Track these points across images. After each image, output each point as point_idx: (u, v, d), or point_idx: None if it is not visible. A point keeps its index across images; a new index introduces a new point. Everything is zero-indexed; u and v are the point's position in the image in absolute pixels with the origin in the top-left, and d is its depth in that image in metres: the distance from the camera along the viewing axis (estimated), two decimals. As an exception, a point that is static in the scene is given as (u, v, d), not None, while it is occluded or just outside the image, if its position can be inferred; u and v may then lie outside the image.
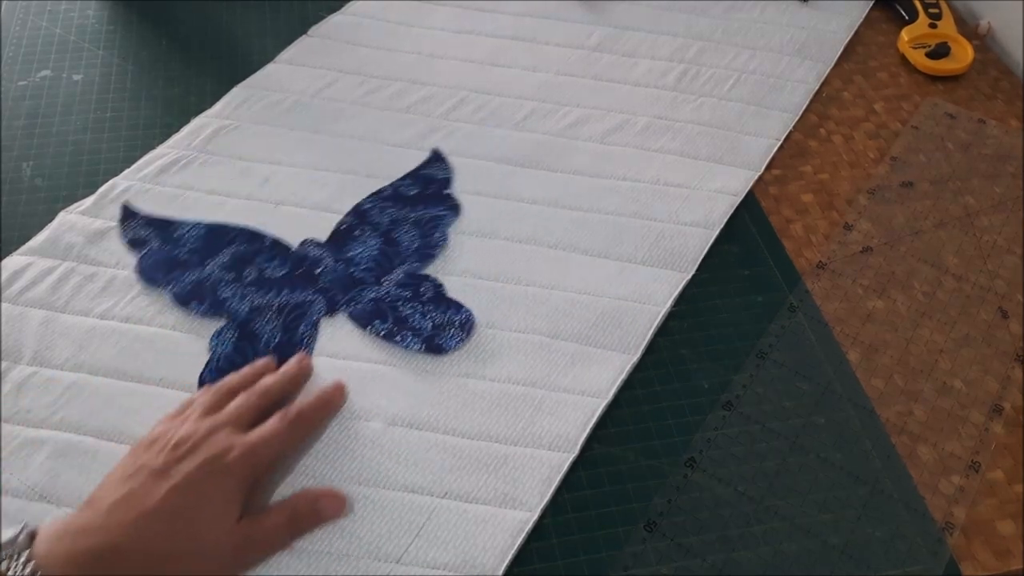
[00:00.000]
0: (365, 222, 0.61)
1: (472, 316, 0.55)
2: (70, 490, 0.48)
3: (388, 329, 0.54)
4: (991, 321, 0.58)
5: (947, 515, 0.49)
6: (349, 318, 0.55)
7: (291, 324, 0.55)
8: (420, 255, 0.59)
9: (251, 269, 0.58)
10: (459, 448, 0.50)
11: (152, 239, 0.59)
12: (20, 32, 0.77)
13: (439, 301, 0.56)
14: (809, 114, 0.73)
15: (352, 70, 0.74)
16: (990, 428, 0.53)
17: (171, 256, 0.58)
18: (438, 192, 0.63)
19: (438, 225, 0.60)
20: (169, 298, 0.56)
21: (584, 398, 0.53)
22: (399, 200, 0.62)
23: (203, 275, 0.57)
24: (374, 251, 0.59)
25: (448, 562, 0.46)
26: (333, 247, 0.59)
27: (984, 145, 0.70)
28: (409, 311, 0.55)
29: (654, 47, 0.77)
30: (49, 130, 0.68)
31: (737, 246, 0.62)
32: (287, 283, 0.57)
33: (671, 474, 0.50)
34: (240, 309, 0.55)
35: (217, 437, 0.45)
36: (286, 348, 0.54)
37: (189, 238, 0.59)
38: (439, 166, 0.65)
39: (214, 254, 0.58)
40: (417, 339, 0.54)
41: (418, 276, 0.57)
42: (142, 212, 0.61)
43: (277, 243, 0.59)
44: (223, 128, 0.68)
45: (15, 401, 0.51)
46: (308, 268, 0.58)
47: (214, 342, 0.54)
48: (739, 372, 0.55)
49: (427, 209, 0.61)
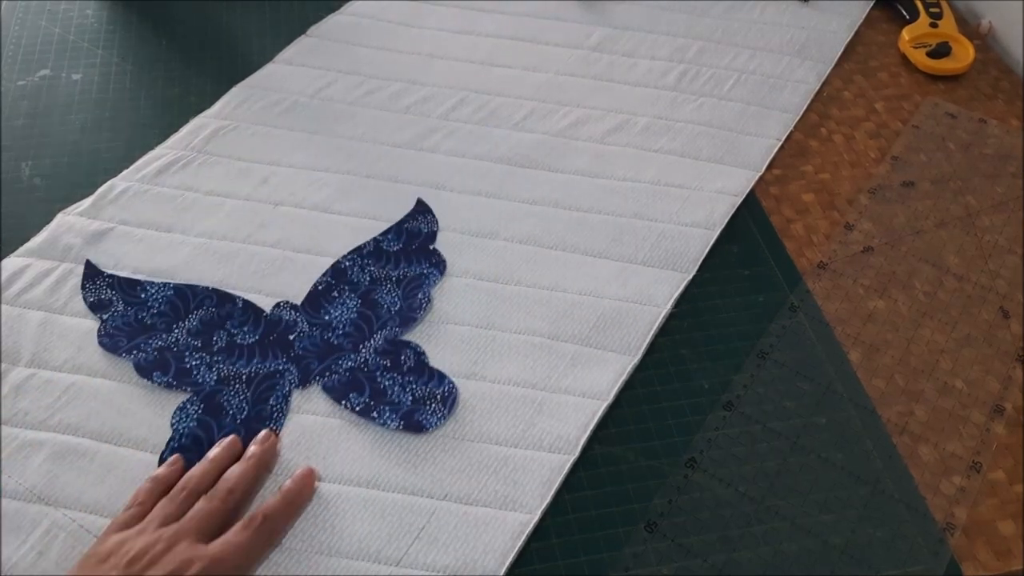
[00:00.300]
0: (344, 281, 0.57)
1: (455, 388, 0.52)
2: (69, 492, 0.47)
3: (364, 403, 0.51)
4: (992, 321, 0.58)
5: (948, 515, 0.49)
6: (323, 391, 0.52)
7: (260, 397, 0.51)
8: (402, 318, 0.55)
9: (220, 334, 0.54)
10: (459, 450, 0.50)
11: (116, 302, 0.56)
12: (20, 32, 0.77)
13: (420, 371, 0.53)
14: (810, 114, 0.73)
15: (351, 70, 0.74)
16: (991, 428, 0.53)
17: (136, 320, 0.55)
18: (423, 247, 0.59)
19: (421, 285, 0.57)
20: (132, 367, 0.52)
21: (585, 400, 0.53)
22: (381, 257, 0.58)
23: (169, 341, 0.54)
24: (352, 314, 0.55)
25: (448, 564, 0.46)
26: (309, 309, 0.56)
27: (985, 145, 0.70)
28: (388, 382, 0.52)
29: (654, 47, 0.77)
30: (48, 130, 0.68)
31: (738, 246, 0.62)
32: (258, 350, 0.53)
33: (672, 474, 0.50)
34: (207, 380, 0.52)
35: (177, 550, 0.42)
36: (254, 423, 0.50)
37: (156, 300, 0.56)
38: (424, 219, 0.61)
39: (182, 318, 0.55)
40: (395, 415, 0.50)
41: (399, 343, 0.54)
42: (106, 272, 0.57)
43: (249, 305, 0.56)
44: (222, 128, 0.68)
45: (13, 403, 0.51)
46: (281, 333, 0.54)
47: (176, 418, 0.50)
48: (740, 372, 0.55)
49: (410, 267, 0.58)
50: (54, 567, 0.45)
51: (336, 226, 0.61)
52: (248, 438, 0.50)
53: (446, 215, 0.62)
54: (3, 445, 0.49)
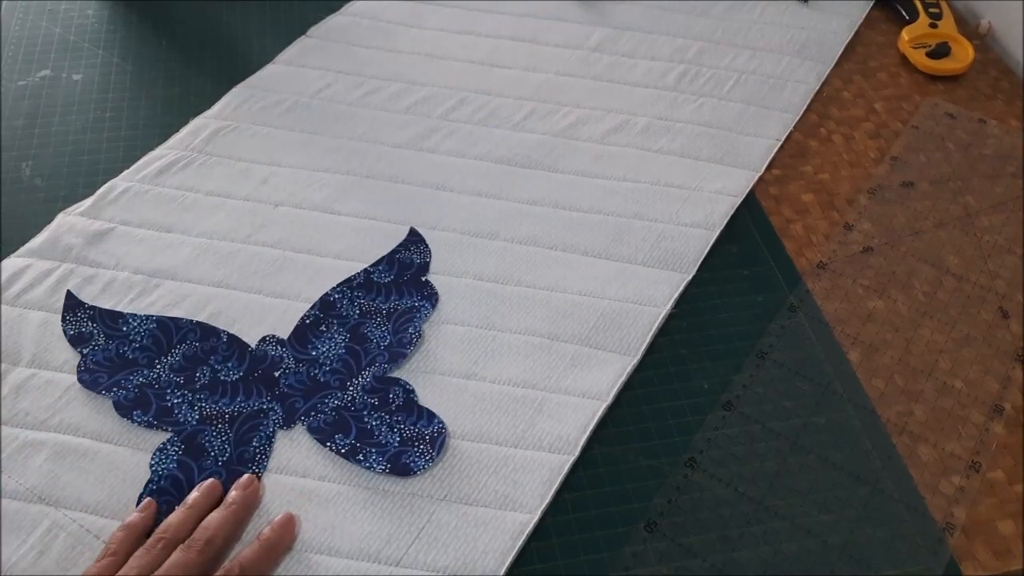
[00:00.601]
0: (332, 315, 0.55)
1: (444, 429, 0.50)
2: (69, 492, 0.48)
3: (350, 445, 0.49)
4: (991, 321, 0.58)
5: (947, 515, 0.49)
6: (308, 431, 0.50)
7: (243, 438, 0.50)
8: (391, 354, 0.53)
9: (204, 370, 0.52)
10: (459, 450, 0.50)
11: (98, 335, 0.54)
12: (20, 32, 0.77)
13: (410, 409, 0.51)
14: (809, 114, 0.73)
15: (351, 71, 0.74)
16: (990, 428, 0.53)
17: (118, 354, 0.53)
18: (415, 279, 0.57)
19: (412, 319, 0.55)
20: (111, 405, 0.51)
21: (584, 400, 0.53)
22: (371, 289, 0.57)
23: (151, 378, 0.52)
24: (340, 349, 0.53)
25: (448, 564, 0.46)
26: (295, 345, 0.54)
27: (984, 145, 0.70)
28: (376, 422, 0.50)
29: (654, 48, 0.77)
30: (48, 130, 0.68)
31: (737, 246, 0.62)
32: (242, 388, 0.52)
33: (671, 474, 0.50)
34: (188, 419, 0.50)
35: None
36: (236, 466, 0.49)
37: (138, 334, 0.54)
38: (417, 249, 0.59)
39: (164, 352, 0.53)
40: (381, 457, 0.49)
41: (387, 380, 0.52)
42: (87, 304, 0.56)
43: (234, 340, 0.54)
44: (222, 129, 0.68)
45: (14, 403, 0.51)
46: (267, 370, 0.52)
47: (155, 459, 0.49)
48: (739, 372, 0.55)
49: (401, 299, 0.56)
50: (54, 567, 0.45)
51: (336, 226, 0.61)
52: (230, 481, 0.48)
53: (446, 215, 0.62)
54: (4, 445, 0.49)
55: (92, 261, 0.58)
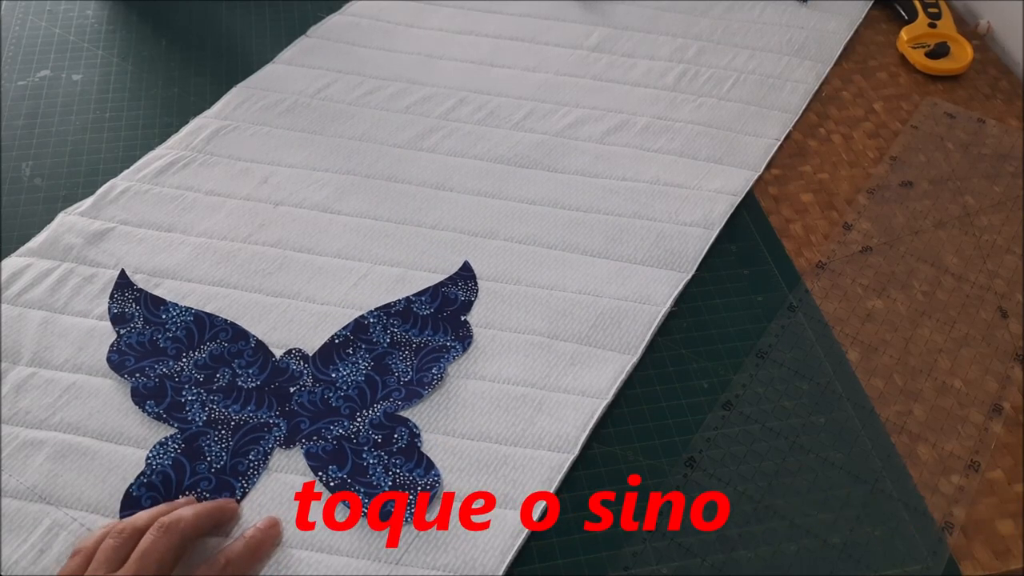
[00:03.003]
0: (363, 338, 0.55)
1: (439, 482, 0.48)
2: (69, 491, 0.48)
3: (340, 480, 0.48)
4: (990, 321, 0.58)
5: (947, 514, 0.49)
6: (304, 456, 0.50)
7: (241, 449, 0.50)
8: (408, 391, 0.52)
9: (225, 372, 0.53)
10: (459, 449, 0.50)
11: (137, 318, 0.55)
12: (20, 32, 0.77)
13: (410, 454, 0.50)
14: (808, 114, 0.73)
15: (351, 70, 0.74)
16: (990, 428, 0.53)
17: (150, 341, 0.54)
18: (454, 316, 0.56)
19: (439, 359, 0.53)
20: (130, 390, 0.52)
21: (584, 398, 0.53)
22: (408, 318, 0.56)
23: (174, 370, 0.53)
24: (360, 376, 0.53)
25: (448, 563, 0.46)
26: (319, 363, 0.54)
27: (983, 145, 0.70)
28: (373, 460, 0.49)
29: (653, 47, 0.77)
30: (48, 130, 0.68)
31: (737, 246, 0.62)
32: (255, 397, 0.52)
33: (671, 474, 0.50)
34: (196, 418, 0.51)
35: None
36: (227, 476, 0.49)
37: (174, 324, 0.55)
38: (465, 285, 0.58)
39: (194, 347, 0.54)
40: (367, 500, 0.48)
41: (396, 418, 0.51)
42: (136, 286, 0.57)
43: (261, 347, 0.54)
44: (222, 128, 0.68)
45: (14, 402, 0.51)
46: (283, 384, 0.52)
47: (153, 453, 0.49)
48: (739, 372, 0.55)
49: (435, 336, 0.55)
50: (55, 566, 0.45)
51: (336, 226, 0.61)
52: (216, 489, 0.48)
53: (446, 215, 0.62)
54: (4, 444, 0.49)
55: (92, 260, 0.58)
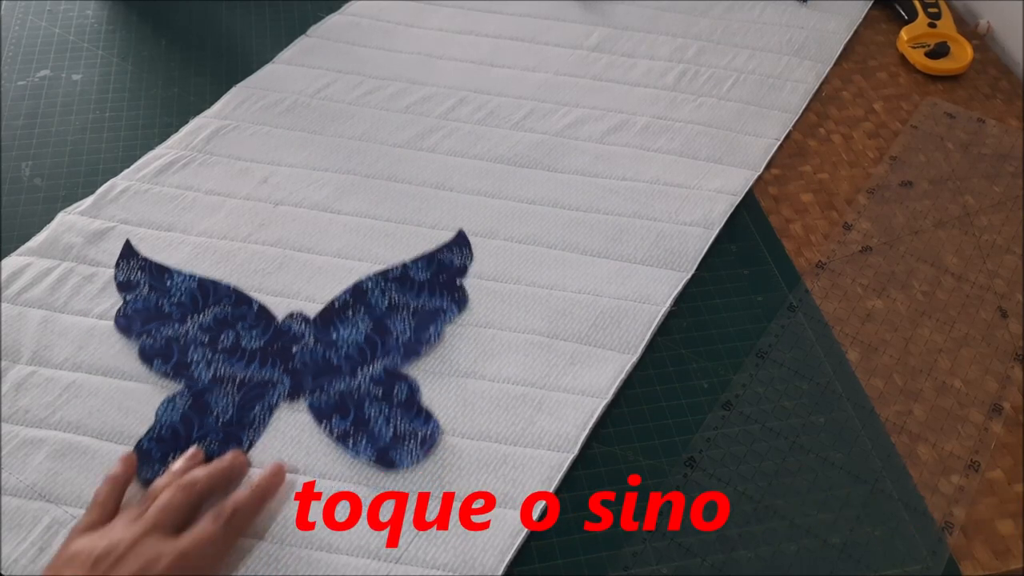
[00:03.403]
0: (361, 302, 0.56)
1: (437, 431, 0.50)
2: (69, 489, 0.48)
3: (344, 429, 0.50)
4: (990, 320, 0.58)
5: (946, 514, 0.49)
6: (308, 408, 0.52)
7: (247, 403, 0.51)
8: (406, 350, 0.54)
9: (229, 334, 0.54)
10: (458, 448, 0.50)
11: (142, 285, 0.57)
12: (20, 32, 0.77)
13: (410, 406, 0.52)
14: (808, 114, 0.73)
15: (351, 70, 0.74)
16: (989, 428, 0.53)
17: (156, 306, 0.56)
18: (449, 281, 0.58)
19: (435, 319, 0.55)
20: (136, 350, 0.53)
21: (584, 398, 0.53)
22: (405, 283, 0.58)
23: (179, 332, 0.54)
24: (359, 336, 0.55)
25: (448, 562, 0.46)
26: (320, 325, 0.55)
27: (983, 145, 0.70)
28: (374, 412, 0.51)
29: (653, 47, 0.77)
30: (48, 130, 0.68)
31: (737, 245, 0.62)
32: (259, 356, 0.54)
33: (671, 474, 0.50)
34: (202, 377, 0.52)
35: (143, 546, 0.41)
36: (234, 428, 0.50)
37: (178, 290, 0.57)
38: (460, 251, 0.60)
39: (198, 311, 0.56)
40: (371, 447, 0.50)
41: (396, 374, 0.53)
42: (141, 255, 0.58)
43: (263, 311, 0.56)
44: (222, 128, 0.68)
45: (14, 401, 0.51)
46: (286, 344, 0.54)
47: (162, 408, 0.51)
48: (739, 372, 0.55)
49: (431, 299, 0.57)
50: (54, 565, 0.45)
51: (336, 225, 0.61)
52: (224, 441, 0.50)
53: (445, 214, 0.62)
54: (4, 443, 0.49)
55: (92, 260, 0.58)
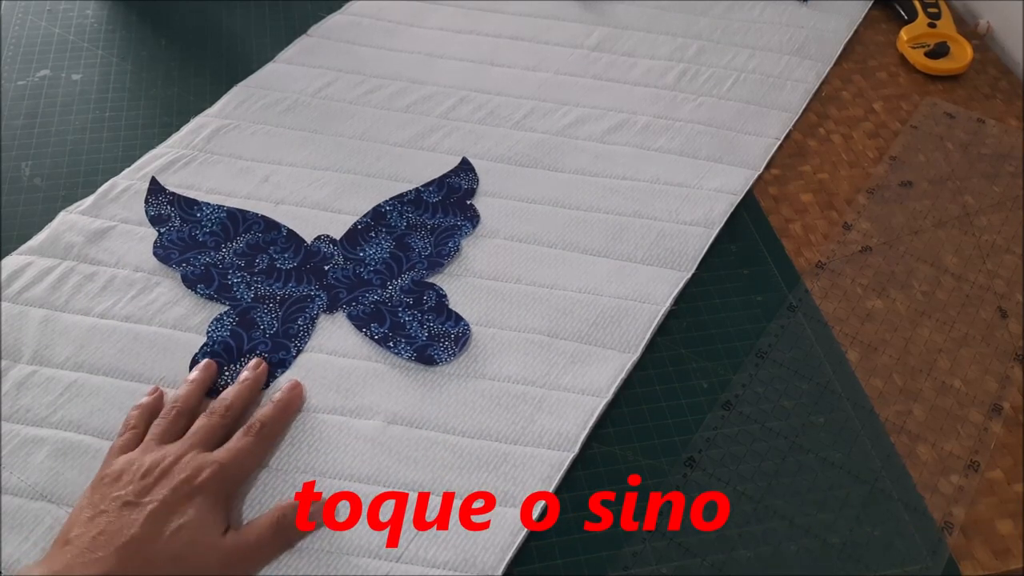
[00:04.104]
0: (382, 223, 0.61)
1: (468, 330, 0.55)
2: (70, 489, 0.48)
3: (383, 333, 0.54)
4: (990, 320, 0.58)
5: (946, 514, 0.49)
6: (347, 318, 0.56)
7: (290, 316, 0.55)
8: (430, 263, 0.58)
9: (263, 257, 0.58)
10: (459, 446, 0.50)
11: (174, 218, 0.60)
12: (20, 32, 0.77)
13: (439, 311, 0.56)
14: (808, 114, 0.73)
15: (351, 70, 0.74)
16: (989, 427, 0.53)
17: (190, 236, 0.59)
18: (460, 202, 0.62)
19: (453, 235, 0.60)
20: (180, 277, 0.57)
21: (584, 397, 0.53)
22: (420, 205, 0.62)
23: (216, 259, 0.58)
24: (385, 254, 0.59)
25: (448, 561, 0.46)
26: (346, 245, 0.59)
27: (983, 145, 0.70)
28: (408, 318, 0.55)
29: (653, 47, 0.77)
30: (48, 130, 0.68)
31: (737, 245, 0.62)
32: (294, 275, 0.58)
33: (670, 473, 0.50)
34: (244, 297, 0.56)
35: (186, 460, 0.45)
36: (280, 339, 0.54)
37: (209, 220, 0.60)
38: (466, 176, 0.64)
39: (231, 239, 0.59)
40: (409, 347, 0.54)
41: (423, 284, 0.57)
42: (168, 189, 0.62)
43: (292, 235, 0.60)
44: (222, 127, 0.68)
45: (15, 400, 0.51)
46: (318, 264, 0.58)
47: (212, 327, 0.55)
48: (738, 371, 0.55)
49: (446, 217, 0.61)
50: (55, 564, 0.45)
51: (337, 224, 0.61)
52: (273, 350, 0.54)
53: (446, 214, 0.63)
54: (5, 442, 0.49)
55: (93, 259, 0.58)
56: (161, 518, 0.43)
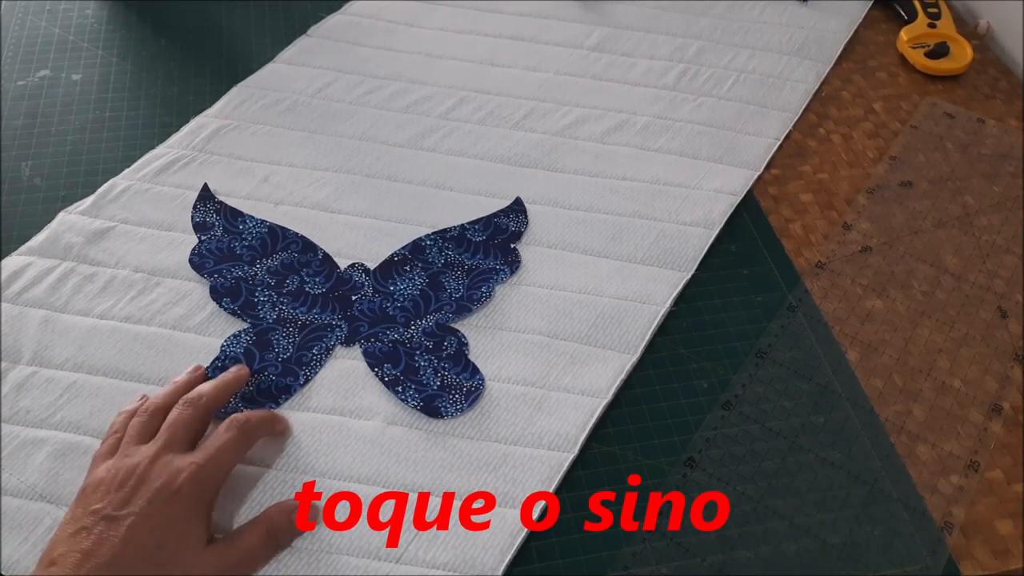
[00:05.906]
0: (419, 258, 0.59)
1: (482, 385, 0.53)
2: (70, 490, 0.48)
3: (394, 376, 0.53)
4: (990, 320, 0.58)
5: (946, 514, 0.49)
6: (363, 354, 0.54)
7: (306, 344, 0.54)
8: (458, 306, 0.57)
9: (293, 279, 0.58)
10: (458, 447, 0.50)
11: (217, 227, 0.60)
12: (19, 32, 0.77)
13: (457, 360, 0.54)
14: (808, 114, 0.73)
15: (351, 70, 0.74)
16: (989, 428, 0.53)
17: (228, 247, 0.59)
18: (504, 244, 0.60)
19: (488, 280, 0.58)
20: (209, 288, 0.57)
21: (584, 398, 0.53)
22: (462, 243, 0.60)
23: (248, 273, 0.58)
24: (415, 290, 0.57)
25: (448, 561, 0.46)
26: (379, 276, 0.58)
27: (983, 145, 0.70)
28: (424, 363, 0.54)
29: (653, 47, 0.77)
30: (48, 130, 0.68)
31: (736, 245, 0.62)
32: (320, 301, 0.57)
33: (670, 474, 0.50)
34: (267, 316, 0.56)
35: (162, 463, 0.43)
36: (292, 365, 0.53)
37: (249, 234, 0.60)
38: (516, 218, 0.62)
39: (267, 255, 0.59)
40: (417, 395, 0.52)
41: (446, 328, 0.56)
42: (217, 198, 0.62)
43: (327, 259, 0.59)
44: (222, 128, 0.68)
45: (15, 401, 0.51)
46: (346, 292, 0.57)
47: (228, 342, 0.54)
48: (738, 372, 0.55)
49: (486, 259, 0.59)
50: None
51: (336, 225, 0.61)
52: (282, 374, 0.53)
53: (445, 214, 0.62)
54: (4, 443, 0.49)
55: (93, 259, 0.58)
56: (142, 533, 0.41)
